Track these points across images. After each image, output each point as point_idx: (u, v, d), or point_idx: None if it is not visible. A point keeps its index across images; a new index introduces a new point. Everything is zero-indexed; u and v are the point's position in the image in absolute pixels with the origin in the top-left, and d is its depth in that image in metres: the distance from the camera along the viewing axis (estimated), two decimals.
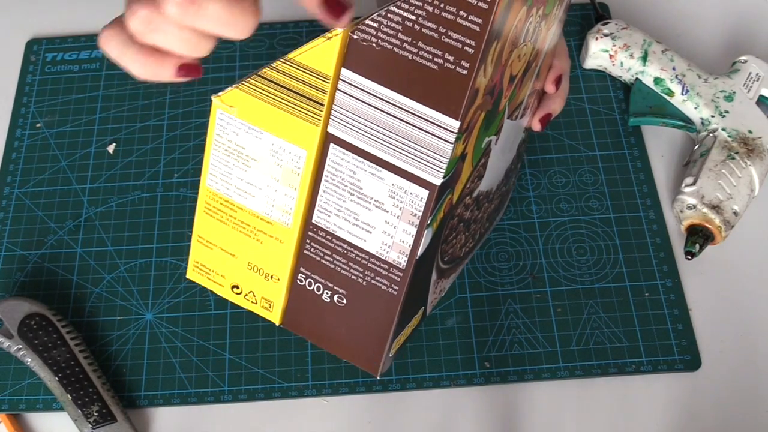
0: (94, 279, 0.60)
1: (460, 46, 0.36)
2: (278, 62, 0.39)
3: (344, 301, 0.44)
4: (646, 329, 0.57)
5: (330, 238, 0.43)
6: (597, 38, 0.66)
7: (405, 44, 0.37)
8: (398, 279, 0.42)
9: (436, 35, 0.37)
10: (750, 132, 0.60)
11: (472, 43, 0.36)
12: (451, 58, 0.37)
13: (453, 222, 0.46)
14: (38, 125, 0.67)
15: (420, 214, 0.40)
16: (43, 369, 0.55)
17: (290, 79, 0.39)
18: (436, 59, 0.37)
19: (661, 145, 0.65)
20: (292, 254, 0.44)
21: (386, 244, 0.42)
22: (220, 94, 0.41)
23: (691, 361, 0.56)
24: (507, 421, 0.55)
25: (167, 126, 0.67)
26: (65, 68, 0.70)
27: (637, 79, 0.65)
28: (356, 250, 0.42)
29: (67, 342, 0.55)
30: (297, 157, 0.41)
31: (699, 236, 0.58)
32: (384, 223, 0.41)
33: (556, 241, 0.61)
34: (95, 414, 0.54)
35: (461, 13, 0.36)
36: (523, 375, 0.56)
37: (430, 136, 0.38)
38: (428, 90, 0.37)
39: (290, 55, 0.38)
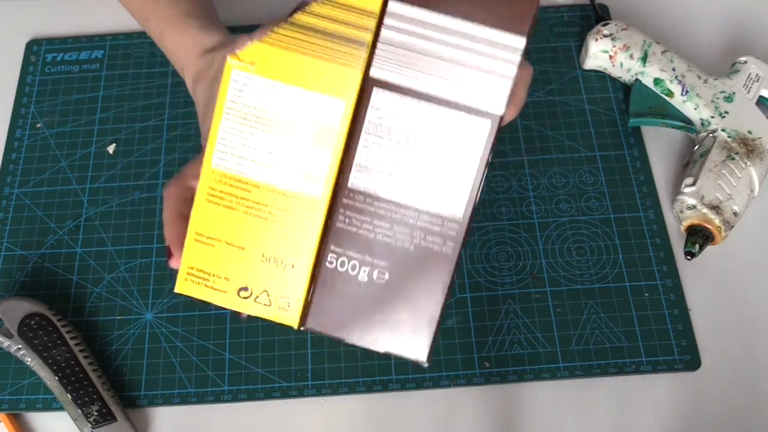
0: (94, 279, 0.60)
1: None
2: (314, 4, 0.36)
3: (385, 276, 0.38)
4: (646, 329, 0.57)
5: (370, 200, 0.38)
6: (597, 39, 0.66)
7: None
8: (454, 234, 0.37)
9: None
10: (750, 132, 0.60)
11: None
12: None
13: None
14: (38, 125, 0.67)
15: (481, 151, 0.36)
16: (43, 369, 0.55)
17: (327, 22, 0.36)
18: None
19: (661, 145, 0.65)
20: (319, 231, 0.38)
21: (439, 196, 0.37)
22: (236, 51, 0.37)
23: (691, 361, 0.56)
24: (507, 421, 0.55)
25: (167, 126, 0.67)
26: (65, 68, 0.70)
27: (636, 79, 0.65)
28: (403, 210, 0.37)
29: (67, 342, 0.55)
30: (333, 111, 0.37)
31: (699, 236, 0.58)
32: (436, 171, 0.37)
33: (556, 241, 0.61)
34: (95, 413, 0.54)
35: None
36: (523, 375, 0.56)
37: (494, 61, 0.35)
38: (489, 10, 0.34)
39: None
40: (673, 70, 0.64)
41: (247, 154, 0.38)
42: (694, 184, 0.59)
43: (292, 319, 0.39)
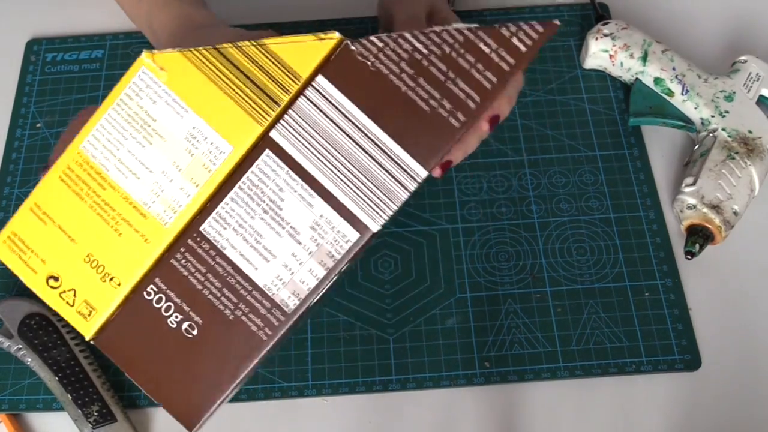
0: None
1: (463, 97, 0.34)
2: (247, 43, 0.35)
3: (194, 333, 0.37)
4: (646, 329, 0.57)
5: (214, 254, 0.36)
6: (597, 38, 0.66)
7: (404, 75, 0.34)
8: (276, 323, 0.36)
9: (442, 78, 0.34)
10: (750, 132, 0.60)
11: (477, 99, 0.34)
12: (448, 106, 0.34)
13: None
14: (38, 125, 0.67)
15: (339, 256, 0.36)
16: (43, 369, 0.55)
17: (254, 66, 0.35)
18: (431, 101, 0.34)
19: (661, 145, 0.65)
20: (152, 260, 0.37)
21: (281, 280, 0.36)
22: (154, 51, 0.36)
23: (691, 361, 0.56)
24: (507, 421, 0.55)
25: None
26: (65, 68, 0.70)
27: (637, 79, 0.65)
28: (240, 276, 0.36)
29: (67, 342, 0.55)
30: (218, 152, 0.36)
31: (699, 236, 0.58)
32: (290, 255, 0.36)
33: (556, 241, 0.61)
34: (95, 414, 0.54)
35: (479, 66, 0.34)
36: (523, 375, 0.56)
37: (390, 178, 0.35)
38: (409, 130, 0.34)
39: (266, 41, 0.35)
40: (674, 69, 0.63)
41: (119, 153, 0.37)
42: (694, 183, 0.59)
43: (86, 329, 0.38)
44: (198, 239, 0.37)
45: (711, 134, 0.61)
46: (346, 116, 0.35)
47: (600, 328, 0.57)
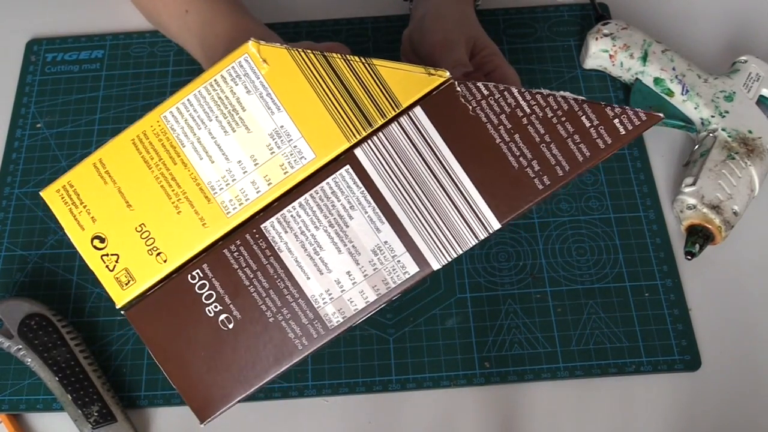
0: (94, 279, 0.60)
1: (553, 162, 0.34)
2: (356, 59, 0.35)
3: (230, 326, 0.37)
4: (646, 329, 0.57)
5: (269, 254, 0.36)
6: (597, 38, 0.66)
7: (502, 127, 0.34)
8: (315, 336, 0.36)
9: (537, 139, 0.34)
10: (750, 132, 0.60)
11: (567, 168, 0.34)
12: (537, 168, 0.34)
13: None
14: (38, 125, 0.67)
15: (393, 285, 0.36)
16: (43, 369, 0.55)
17: (357, 82, 0.35)
18: (521, 159, 0.35)
19: (661, 145, 0.65)
20: (205, 244, 0.36)
21: (330, 294, 0.36)
22: (261, 42, 0.35)
23: (691, 361, 0.56)
24: (507, 421, 0.55)
25: None
26: (65, 68, 0.70)
27: (637, 79, 0.65)
28: (289, 282, 0.36)
29: (67, 342, 0.55)
30: (300, 156, 0.36)
31: (699, 236, 0.58)
32: (345, 273, 0.36)
33: (556, 241, 0.61)
34: (95, 414, 0.54)
35: (576, 137, 0.34)
36: (523, 375, 0.56)
37: (462, 223, 0.35)
38: (493, 181, 0.34)
39: (375, 61, 0.35)
40: (674, 69, 0.63)
41: (199, 132, 0.36)
42: (694, 183, 0.59)
43: (119, 297, 0.37)
44: (257, 236, 0.36)
45: (711, 134, 0.61)
46: (434, 152, 0.35)
47: (600, 329, 0.57)
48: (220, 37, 0.54)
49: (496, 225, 0.35)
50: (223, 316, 0.36)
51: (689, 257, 0.59)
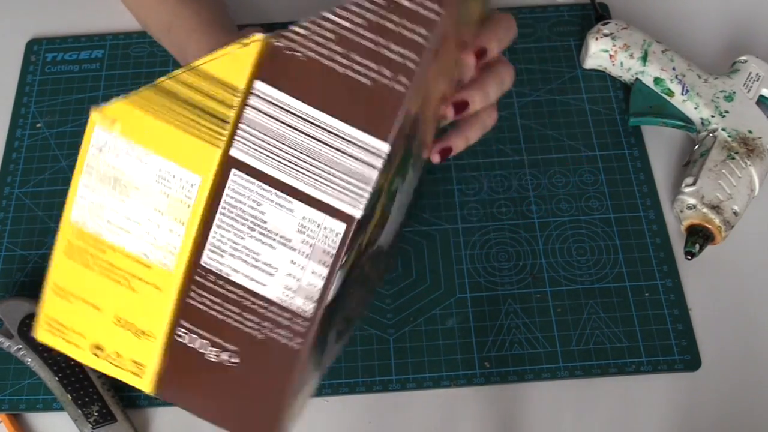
0: None
1: (400, 59, 0.33)
2: (181, 71, 0.34)
3: (236, 360, 0.37)
4: (646, 329, 0.57)
5: (222, 283, 0.36)
6: (597, 38, 0.66)
7: (336, 56, 0.33)
8: (302, 330, 0.36)
9: (374, 47, 0.33)
10: (750, 132, 0.60)
11: (414, 57, 0.33)
12: (389, 73, 0.33)
13: (356, 273, 0.40)
14: (38, 125, 0.67)
15: (334, 251, 0.35)
16: (43, 369, 0.55)
17: (192, 91, 0.35)
18: (371, 74, 0.33)
19: (661, 145, 0.65)
20: (172, 305, 0.37)
21: (290, 289, 0.36)
22: (101, 106, 0.35)
23: (691, 361, 0.56)
24: (507, 421, 0.55)
25: None
26: (65, 68, 0.70)
27: (637, 79, 0.65)
28: (253, 297, 0.36)
29: None
30: (189, 185, 0.35)
31: (699, 236, 0.58)
32: (290, 263, 0.36)
33: (556, 241, 0.61)
34: (95, 414, 0.54)
35: (406, 23, 0.33)
36: (523, 375, 0.56)
37: (355, 161, 0.34)
38: (357, 108, 0.33)
39: (196, 63, 0.34)
40: (674, 69, 0.63)
41: (104, 214, 0.37)
42: (694, 183, 0.59)
43: (145, 385, 0.38)
44: (203, 273, 0.36)
45: (711, 134, 0.61)
46: (294, 114, 0.34)
47: (600, 329, 0.57)
48: (199, 57, 0.54)
49: (383, 146, 0.33)
50: (224, 355, 0.37)
51: (689, 257, 0.59)
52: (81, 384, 0.54)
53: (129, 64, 0.70)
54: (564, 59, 0.69)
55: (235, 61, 0.34)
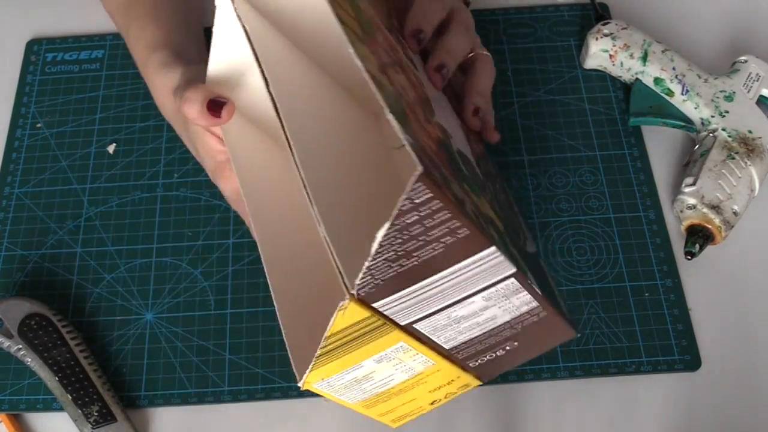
0: (94, 279, 0.60)
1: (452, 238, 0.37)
2: (324, 344, 0.39)
3: (516, 344, 0.46)
4: (646, 329, 0.57)
5: (469, 341, 0.44)
6: (597, 38, 0.66)
7: (402, 262, 0.36)
8: (545, 312, 0.44)
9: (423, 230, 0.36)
10: (750, 132, 0.60)
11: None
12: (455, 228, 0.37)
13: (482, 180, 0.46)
14: (38, 125, 0.67)
15: (522, 289, 0.41)
16: (43, 369, 0.55)
17: (342, 338, 0.39)
18: (444, 239, 0.36)
19: (661, 145, 0.65)
20: (454, 368, 0.46)
21: (513, 310, 0.43)
22: (302, 381, 0.41)
23: (691, 361, 0.56)
24: (507, 421, 0.55)
25: (167, 126, 0.67)
26: (65, 68, 0.70)
27: (637, 79, 0.65)
28: (497, 328, 0.44)
29: (67, 342, 0.55)
30: (400, 348, 0.42)
31: (699, 236, 0.58)
32: (498, 308, 0.42)
33: (556, 241, 0.60)
34: (95, 414, 0.54)
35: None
36: (523, 375, 0.56)
37: (479, 268, 0.39)
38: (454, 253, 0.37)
39: (328, 333, 0.38)
40: (674, 69, 0.63)
41: (367, 388, 0.44)
42: (694, 183, 0.59)
43: (474, 385, 0.49)
44: (454, 350, 0.45)
45: (711, 134, 0.61)
46: (416, 291, 0.39)
47: (600, 329, 0.57)
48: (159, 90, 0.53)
49: (489, 250, 0.38)
50: (507, 347, 0.46)
51: (689, 257, 0.59)
52: (81, 384, 0.54)
53: (129, 64, 0.70)
54: (564, 59, 0.69)
55: (348, 315, 0.37)
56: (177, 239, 0.62)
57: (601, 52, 0.66)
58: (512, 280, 0.40)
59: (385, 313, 0.39)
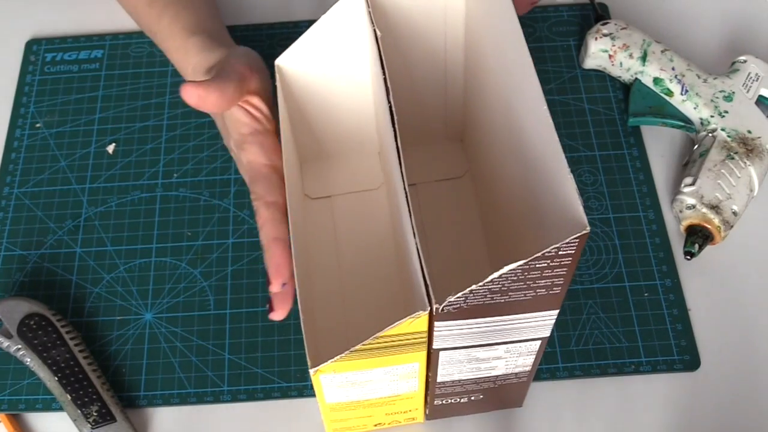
0: (93, 279, 0.60)
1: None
2: (370, 340, 0.40)
3: (480, 397, 0.49)
4: (645, 329, 0.57)
5: (457, 381, 0.47)
6: (596, 38, 0.66)
7: (495, 296, 0.38)
8: (525, 378, 0.48)
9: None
10: (749, 132, 0.60)
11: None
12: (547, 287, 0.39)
13: None
14: (38, 125, 0.67)
15: (535, 353, 0.45)
16: (43, 369, 0.55)
17: (388, 341, 0.40)
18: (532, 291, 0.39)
19: (660, 145, 0.65)
20: (421, 400, 0.49)
21: (512, 366, 0.46)
22: (317, 368, 0.41)
23: (691, 361, 0.56)
24: (506, 421, 0.55)
25: (167, 126, 0.67)
26: (65, 68, 0.70)
27: (636, 79, 0.65)
28: (488, 378, 0.47)
29: (67, 342, 0.55)
30: (411, 368, 0.44)
31: (698, 236, 0.58)
32: (504, 362, 0.45)
33: None
34: (94, 414, 0.54)
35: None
36: None
37: (537, 323, 0.42)
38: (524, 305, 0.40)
39: (382, 333, 0.39)
40: (673, 69, 0.63)
41: (351, 395, 0.46)
42: (693, 183, 0.59)
43: (419, 419, 0.53)
44: (441, 385, 0.47)
45: (710, 134, 0.61)
46: (475, 325, 0.42)
47: (599, 329, 0.57)
48: (178, 68, 0.59)
49: (555, 312, 0.42)
50: (471, 398, 0.51)
51: (688, 257, 0.59)
52: (80, 384, 0.54)
53: (128, 64, 0.70)
54: (563, 59, 0.69)
55: (414, 324, 0.39)
56: (176, 239, 0.62)
57: (600, 52, 0.66)
58: (539, 342, 0.43)
59: (436, 332, 0.40)
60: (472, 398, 0.49)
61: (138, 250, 0.61)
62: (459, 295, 0.37)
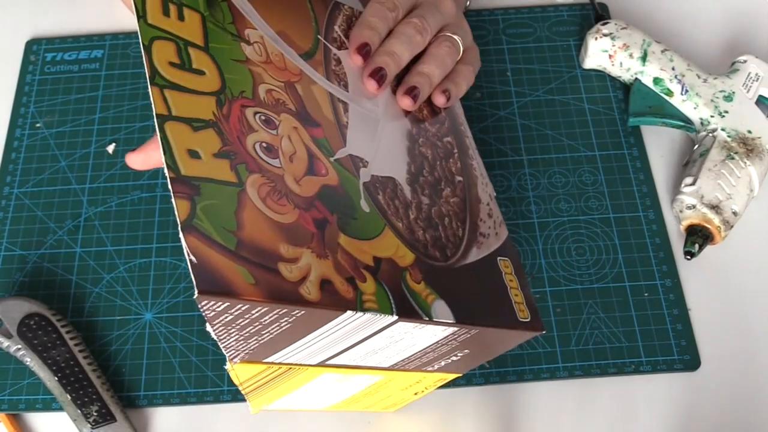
0: (93, 279, 0.60)
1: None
2: (241, 388, 0.41)
3: (467, 351, 0.44)
4: (645, 329, 0.57)
5: (406, 359, 0.43)
6: (596, 38, 0.66)
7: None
8: (474, 330, 0.41)
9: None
10: (749, 132, 0.60)
11: None
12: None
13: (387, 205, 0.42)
14: (38, 125, 0.67)
15: (420, 326, 0.39)
16: (43, 369, 0.55)
17: (256, 381, 0.40)
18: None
19: (660, 145, 0.65)
20: (411, 374, 0.46)
21: (428, 338, 0.41)
22: (248, 405, 0.43)
23: (691, 361, 0.56)
24: (506, 421, 0.55)
25: None
26: (65, 68, 0.70)
27: (636, 79, 0.65)
28: (425, 349, 0.42)
29: (67, 342, 0.55)
30: (326, 378, 0.43)
31: (698, 236, 0.58)
32: (409, 340, 0.41)
33: (555, 241, 0.61)
34: (94, 414, 0.54)
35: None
36: (523, 375, 0.56)
37: (345, 327, 0.37)
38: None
39: (236, 382, 0.40)
40: (673, 69, 0.63)
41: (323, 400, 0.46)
42: (693, 183, 0.59)
43: None
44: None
45: (710, 134, 0.61)
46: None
47: (599, 329, 0.57)
48: None
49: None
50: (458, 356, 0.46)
51: (688, 257, 0.59)
52: (80, 384, 0.54)
53: (128, 64, 0.70)
54: (563, 59, 0.69)
55: (245, 370, 0.39)
56: (176, 239, 0.62)
57: (600, 52, 0.66)
58: (399, 324, 0.38)
59: (282, 362, 0.39)
60: (460, 355, 0.44)
61: (138, 250, 0.61)
62: (225, 352, 0.36)
